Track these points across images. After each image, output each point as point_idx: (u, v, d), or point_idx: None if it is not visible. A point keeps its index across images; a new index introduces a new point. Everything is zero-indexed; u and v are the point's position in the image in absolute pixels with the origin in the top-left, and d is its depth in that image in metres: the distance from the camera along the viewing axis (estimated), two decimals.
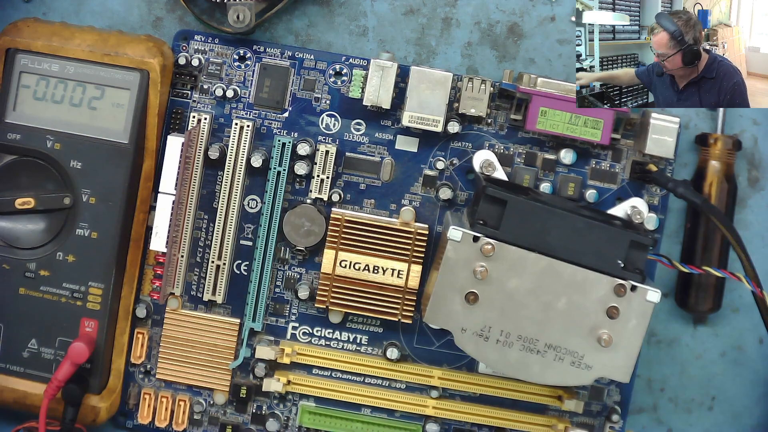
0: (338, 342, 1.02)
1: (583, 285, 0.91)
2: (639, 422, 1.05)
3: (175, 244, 0.99)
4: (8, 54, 0.98)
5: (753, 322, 1.03)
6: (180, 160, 0.96)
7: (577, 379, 0.92)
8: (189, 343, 1.01)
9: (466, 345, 0.92)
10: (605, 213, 0.98)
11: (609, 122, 0.97)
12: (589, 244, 0.92)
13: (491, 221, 0.92)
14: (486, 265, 0.92)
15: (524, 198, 0.92)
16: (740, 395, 1.05)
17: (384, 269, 0.99)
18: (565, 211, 0.93)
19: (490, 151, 0.99)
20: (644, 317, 0.92)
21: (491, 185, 0.94)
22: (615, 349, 0.92)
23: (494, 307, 0.92)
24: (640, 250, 0.92)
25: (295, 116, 1.00)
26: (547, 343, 0.92)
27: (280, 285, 1.01)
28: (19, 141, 0.98)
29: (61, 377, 0.96)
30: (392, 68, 0.97)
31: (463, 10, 1.02)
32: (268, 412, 1.02)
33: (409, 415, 1.02)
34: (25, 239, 0.99)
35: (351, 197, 1.01)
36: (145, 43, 0.98)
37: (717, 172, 1.01)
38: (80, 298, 0.98)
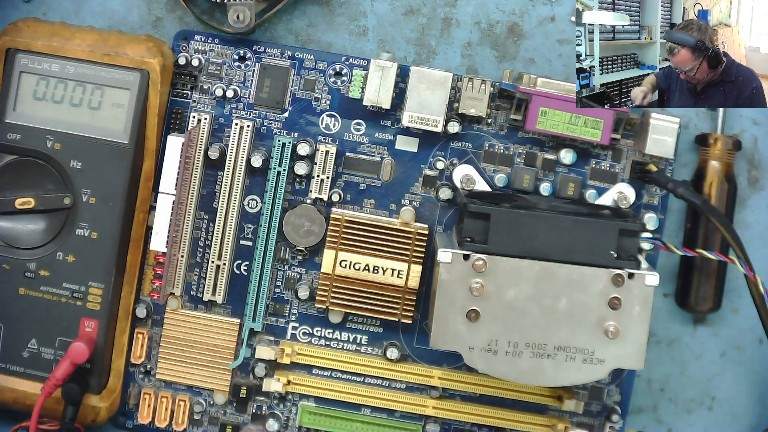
0: (338, 342, 1.02)
1: (580, 282, 0.92)
2: (639, 422, 1.05)
3: (175, 244, 0.99)
4: (8, 54, 0.98)
5: (753, 322, 1.03)
6: (180, 160, 0.96)
7: (591, 375, 0.93)
8: (189, 343, 1.01)
9: (476, 363, 0.92)
10: (592, 204, 0.98)
11: (609, 122, 0.97)
12: (579, 241, 0.92)
13: (478, 236, 0.93)
14: (481, 280, 0.92)
15: (507, 208, 0.93)
16: (740, 395, 1.05)
17: (384, 269, 0.99)
18: (549, 212, 0.93)
19: (469, 165, 0.99)
20: (647, 302, 0.92)
21: (472, 201, 0.94)
22: (623, 338, 0.92)
23: (497, 321, 0.92)
24: (630, 236, 0.93)
25: (295, 116, 1.00)
26: (555, 346, 0.92)
27: (280, 285, 1.01)
28: (19, 141, 0.98)
29: (59, 376, 0.96)
30: (392, 68, 0.97)
31: (463, 10, 1.02)
32: (268, 412, 1.02)
33: (409, 415, 1.02)
34: (25, 239, 0.99)
35: (351, 197, 1.01)
36: (145, 43, 0.98)
37: (717, 172, 1.01)
38: (80, 298, 0.99)
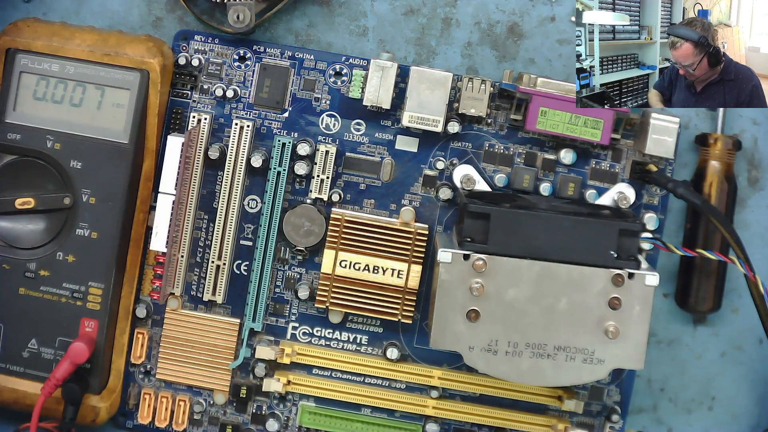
0: (338, 342, 1.02)
1: (580, 282, 0.92)
2: (639, 422, 1.05)
3: (175, 244, 0.99)
4: (8, 54, 0.98)
5: (753, 322, 1.03)
6: (180, 160, 0.96)
7: (591, 375, 0.93)
8: (189, 343, 1.01)
9: (476, 362, 0.93)
10: (592, 204, 0.98)
11: (609, 122, 0.97)
12: (579, 241, 0.92)
13: (478, 236, 0.93)
14: (481, 280, 0.92)
15: (507, 208, 0.93)
16: (740, 395, 1.05)
17: (384, 269, 0.99)
18: (549, 212, 0.93)
19: (469, 165, 0.99)
20: (647, 302, 0.92)
21: (472, 201, 0.94)
22: (624, 338, 0.92)
23: (497, 321, 0.92)
24: (630, 236, 0.93)
25: (295, 116, 1.00)
26: (555, 346, 0.92)
27: (280, 285, 1.01)
28: (19, 141, 0.98)
29: (59, 376, 0.96)
30: (392, 68, 0.97)
31: (463, 10, 1.02)
32: (268, 412, 1.02)
33: (409, 415, 1.02)
34: (25, 239, 0.99)
35: (351, 197, 1.01)
36: (145, 43, 0.98)
37: (717, 172, 1.01)
38: (80, 298, 0.99)
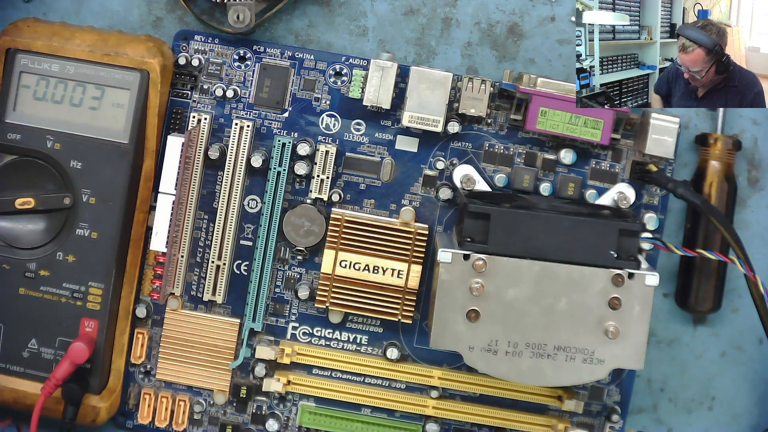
0: (338, 342, 1.02)
1: (580, 282, 0.92)
2: (639, 422, 1.05)
3: (175, 244, 0.99)
4: (8, 54, 0.98)
5: (753, 322, 1.03)
6: (180, 160, 0.96)
7: (591, 375, 0.93)
8: (189, 343, 1.01)
9: (476, 362, 0.93)
10: (592, 205, 0.98)
11: (609, 122, 0.97)
12: (579, 241, 0.92)
13: (478, 236, 0.93)
14: (481, 280, 0.92)
15: (507, 208, 0.93)
16: (740, 395, 1.05)
17: (384, 269, 0.99)
18: (549, 212, 0.93)
19: (469, 165, 0.99)
20: (647, 302, 0.92)
21: (472, 201, 0.94)
22: (624, 338, 0.92)
23: (497, 321, 0.92)
24: (630, 236, 0.93)
25: (295, 116, 1.00)
26: (555, 346, 0.92)
27: (280, 285, 1.01)
28: (19, 141, 0.98)
29: (59, 376, 0.96)
30: (392, 68, 0.97)
31: (463, 10, 1.02)
32: (268, 412, 1.02)
33: (409, 415, 1.02)
34: (25, 239, 0.99)
35: (351, 197, 1.01)
36: (145, 43, 0.98)
37: (717, 172, 1.01)
38: (80, 298, 0.99)
